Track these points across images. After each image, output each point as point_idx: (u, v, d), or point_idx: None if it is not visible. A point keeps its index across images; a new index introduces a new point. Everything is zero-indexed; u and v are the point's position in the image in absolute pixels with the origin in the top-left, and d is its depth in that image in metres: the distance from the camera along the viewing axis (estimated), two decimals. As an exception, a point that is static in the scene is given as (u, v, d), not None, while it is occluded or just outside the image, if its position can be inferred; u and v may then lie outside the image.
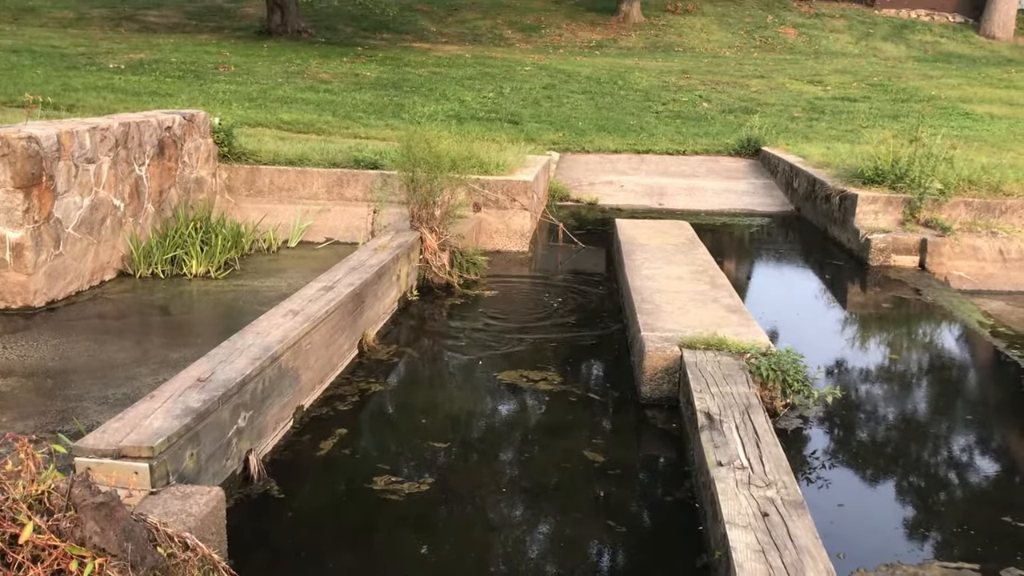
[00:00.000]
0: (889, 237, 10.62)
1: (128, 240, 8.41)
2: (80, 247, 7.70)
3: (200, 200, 9.92)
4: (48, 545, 3.10)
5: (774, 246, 12.46)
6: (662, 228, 10.80)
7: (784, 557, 3.63)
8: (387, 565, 4.28)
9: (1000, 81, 25.28)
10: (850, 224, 11.28)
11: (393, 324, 7.96)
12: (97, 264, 8.01)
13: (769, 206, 14.13)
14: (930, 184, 10.89)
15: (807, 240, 12.50)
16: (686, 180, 15.27)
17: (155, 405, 4.41)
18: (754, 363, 5.94)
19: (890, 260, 10.56)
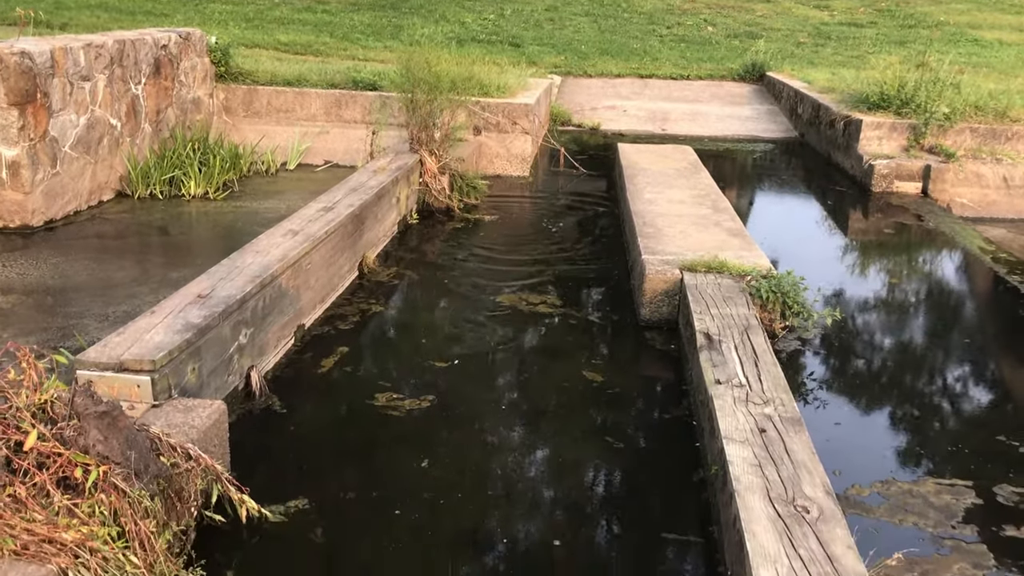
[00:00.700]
0: (893, 163, 10.53)
1: (126, 160, 8.33)
2: (77, 166, 7.63)
3: (197, 121, 9.80)
4: (53, 452, 3.13)
5: (777, 172, 12.37)
6: (665, 153, 10.70)
7: (781, 471, 3.67)
8: (388, 479, 4.33)
9: (1012, 6, 24.78)
10: (854, 150, 11.18)
11: (393, 247, 7.94)
12: (95, 184, 7.94)
13: (773, 132, 13.98)
14: (936, 109, 10.76)
15: (810, 166, 12.40)
16: (689, 105, 15.09)
17: (156, 320, 4.41)
18: (754, 285, 5.94)
19: (893, 186, 10.49)
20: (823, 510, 3.39)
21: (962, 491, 4.32)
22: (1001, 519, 4.10)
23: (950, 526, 4.02)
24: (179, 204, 8.21)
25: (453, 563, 3.73)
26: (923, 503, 4.20)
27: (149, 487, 3.23)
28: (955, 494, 4.29)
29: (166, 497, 3.37)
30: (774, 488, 3.55)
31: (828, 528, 3.29)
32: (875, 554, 3.39)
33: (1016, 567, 3.75)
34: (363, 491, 4.22)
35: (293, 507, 4.01)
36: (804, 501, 3.45)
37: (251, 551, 3.73)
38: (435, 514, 4.06)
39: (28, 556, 2.90)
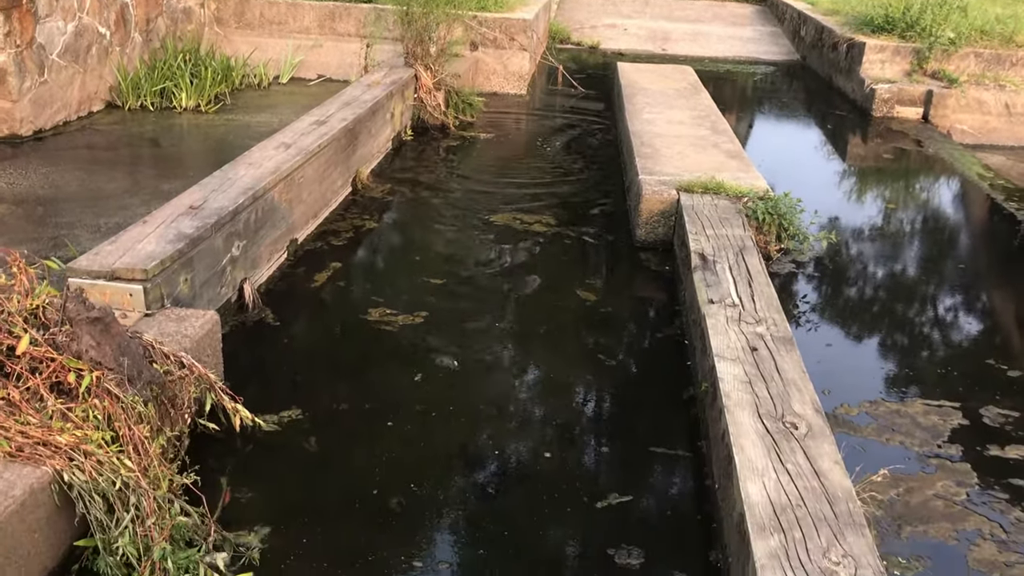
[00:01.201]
0: (894, 87, 10.40)
1: (116, 70, 8.17)
2: (66, 75, 7.48)
3: (188, 31, 9.59)
4: (45, 357, 3.13)
5: (777, 95, 12.22)
6: (664, 73, 10.54)
7: (771, 388, 3.70)
8: (380, 392, 4.36)
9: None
10: (856, 74, 11.02)
11: (387, 163, 7.86)
12: (84, 94, 7.81)
13: (774, 54, 13.77)
14: (941, 33, 10.58)
15: (811, 89, 12.24)
16: (691, 25, 14.81)
17: (148, 230, 4.37)
18: (751, 207, 5.90)
19: (894, 111, 10.38)
20: (811, 426, 3.43)
21: (949, 412, 4.37)
22: (986, 440, 4.15)
23: (936, 445, 4.08)
24: (170, 116, 8.09)
25: (444, 473, 3.78)
26: (910, 423, 4.25)
27: (142, 393, 3.24)
28: (942, 415, 4.34)
29: (160, 404, 3.38)
30: (763, 404, 3.57)
31: (816, 444, 3.32)
32: (861, 470, 3.44)
33: (999, 485, 3.82)
34: (356, 403, 4.25)
35: (286, 417, 4.03)
36: (793, 417, 3.48)
37: (244, 459, 3.77)
38: (427, 426, 4.10)
39: (23, 458, 2.92)
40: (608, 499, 3.64)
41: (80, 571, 3.00)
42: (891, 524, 3.53)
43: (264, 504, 3.50)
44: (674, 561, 3.30)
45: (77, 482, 2.91)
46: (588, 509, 3.58)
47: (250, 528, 3.32)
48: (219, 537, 3.17)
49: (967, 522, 3.59)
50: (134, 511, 2.93)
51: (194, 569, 2.96)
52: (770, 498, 3.01)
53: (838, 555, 2.77)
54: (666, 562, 3.29)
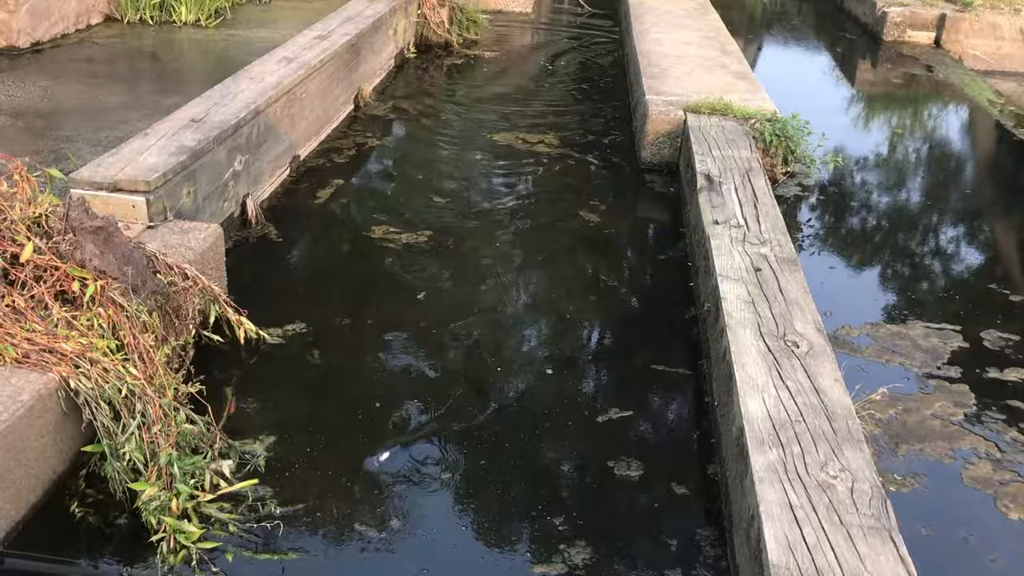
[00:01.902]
0: (906, 11, 10.19)
1: (113, -18, 7.99)
2: (62, -14, 7.32)
3: (187, -57, 9.34)
4: (49, 266, 3.13)
5: (787, 18, 11.98)
6: (672, -7, 10.31)
7: (773, 308, 3.71)
8: (383, 308, 4.37)
9: None
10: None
11: (390, 80, 7.75)
12: (82, 6, 7.65)
13: (785, -24, 13.45)
14: (957, -45, 10.32)
15: (822, 13, 12.00)
16: (700, -55, 14.44)
17: (150, 142, 4.33)
18: (758, 128, 5.84)
19: (905, 36, 10.19)
20: (812, 345, 3.44)
21: (950, 335, 4.39)
22: (985, 362, 4.18)
23: (935, 367, 4.10)
24: (170, 30, 7.93)
25: (446, 388, 3.81)
26: (911, 345, 4.27)
27: (147, 302, 3.25)
28: (943, 338, 4.36)
29: (164, 314, 3.39)
30: (765, 324, 3.58)
31: (816, 362, 3.34)
32: (860, 389, 3.47)
33: (996, 406, 3.85)
34: (359, 318, 4.26)
35: (290, 330, 4.05)
36: (794, 336, 3.49)
37: (249, 370, 3.79)
38: (429, 342, 4.12)
39: (30, 364, 2.94)
40: (609, 414, 3.68)
41: (88, 476, 3.05)
42: (888, 442, 3.58)
43: (269, 414, 3.54)
44: (673, 474, 3.35)
45: (83, 389, 2.94)
46: (589, 424, 3.62)
47: (255, 437, 3.36)
48: (225, 445, 3.22)
49: (963, 441, 3.63)
50: (140, 418, 2.96)
51: (200, 475, 3.01)
52: (770, 414, 3.03)
53: (836, 469, 2.80)
54: (665, 475, 3.34)
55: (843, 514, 2.60)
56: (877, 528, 2.56)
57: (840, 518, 2.59)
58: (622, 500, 3.23)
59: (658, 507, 3.21)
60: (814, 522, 2.57)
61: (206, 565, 2.78)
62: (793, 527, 2.55)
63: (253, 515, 3.00)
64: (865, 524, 2.57)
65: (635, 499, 3.24)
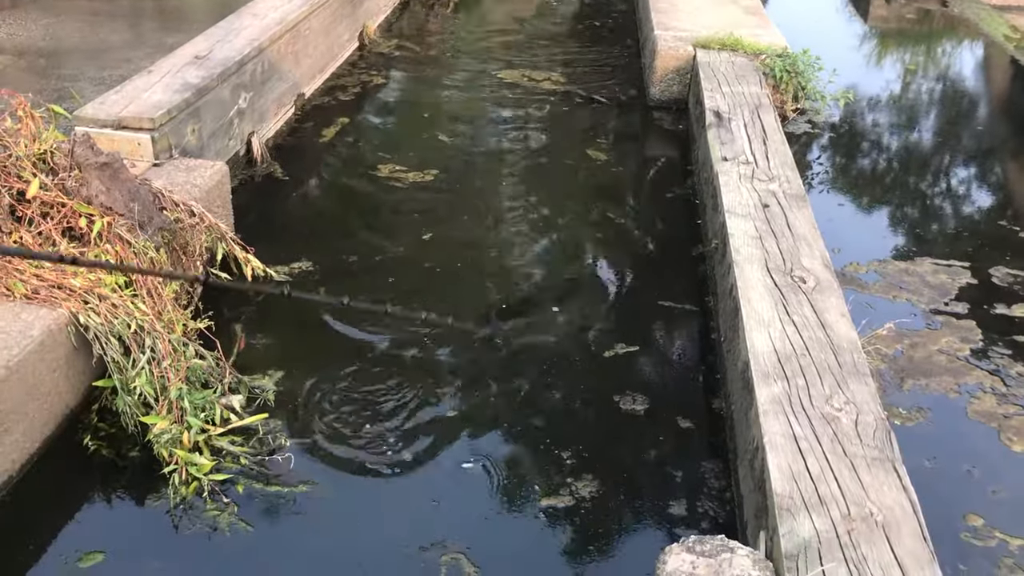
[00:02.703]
0: (923, -56, 9.95)
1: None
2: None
3: None
4: (56, 202, 3.13)
5: (799, -47, 11.73)
6: (682, -74, 10.09)
7: (781, 244, 3.69)
8: (390, 246, 4.36)
9: None
10: (883, -71, 10.54)
11: (395, 17, 7.65)
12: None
13: (798, -91, 13.15)
14: None
15: (835, -53, 11.74)
16: None
17: (153, 80, 4.30)
18: (768, 64, 5.76)
19: (921, -30, 9.97)
20: (819, 280, 3.44)
21: (958, 272, 4.37)
22: (993, 298, 4.17)
23: (943, 303, 4.10)
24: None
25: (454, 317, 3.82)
26: (919, 281, 4.26)
27: (154, 239, 3.25)
28: (951, 274, 4.35)
29: (171, 250, 3.40)
30: (773, 259, 3.57)
31: (823, 297, 3.34)
32: (867, 324, 3.47)
33: (1002, 342, 3.85)
34: (365, 256, 4.26)
35: (297, 268, 4.06)
36: (801, 272, 3.49)
37: (257, 307, 3.81)
38: (435, 281, 4.13)
39: (39, 300, 2.96)
40: (615, 350, 3.69)
41: (100, 410, 3.09)
42: (894, 377, 3.59)
43: (277, 350, 3.56)
44: (678, 408, 3.37)
45: (93, 324, 2.96)
46: (595, 359, 3.64)
47: (264, 372, 3.39)
48: (234, 380, 3.24)
49: (969, 376, 3.64)
50: (150, 352, 2.99)
51: (210, 409, 3.04)
52: (775, 347, 3.04)
53: (840, 402, 2.82)
54: (670, 409, 3.36)
55: (847, 445, 2.62)
56: (880, 459, 2.58)
57: (844, 449, 2.61)
58: (628, 434, 3.26)
59: (663, 440, 3.23)
60: (818, 453, 2.59)
61: (217, 496, 2.83)
62: (797, 458, 2.57)
63: (263, 448, 3.05)
64: (868, 455, 2.59)
65: (641, 433, 3.26)
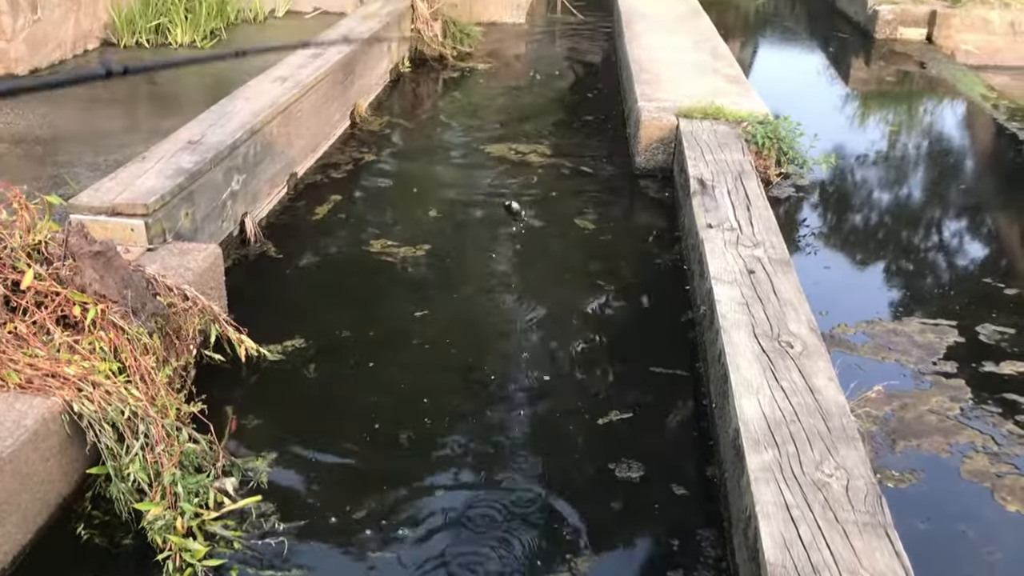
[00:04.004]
0: (897, 8, 10.23)
1: (110, 7, 8.07)
2: (60, 13, 7.40)
3: (180, -34, 9.43)
4: (50, 291, 3.18)
5: (779, 18, 12.04)
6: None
7: (767, 309, 3.74)
8: (383, 322, 4.41)
9: None
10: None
11: (385, 95, 7.81)
12: (79, 32, 7.73)
13: (777, -23, 13.52)
14: (946, -49, 10.37)
15: (813, 13, 12.05)
16: (691, -51, 14.52)
17: (147, 166, 4.39)
18: (750, 131, 5.88)
19: (897, 33, 10.23)
20: (807, 345, 3.47)
21: (946, 330, 4.41)
22: (982, 356, 4.20)
23: (931, 363, 4.13)
24: (166, 53, 8.01)
25: (447, 399, 3.85)
26: (907, 341, 4.30)
27: (147, 324, 3.29)
28: (939, 333, 4.39)
29: (165, 335, 3.44)
30: (760, 325, 3.62)
31: (811, 362, 3.37)
32: (856, 387, 3.50)
33: (993, 400, 3.87)
34: (359, 333, 4.30)
35: (291, 347, 4.10)
36: (788, 337, 3.53)
37: (250, 388, 3.84)
38: (429, 355, 4.16)
39: (33, 390, 2.99)
40: (609, 416, 3.71)
41: (94, 497, 3.09)
42: (885, 439, 3.60)
43: (270, 431, 3.57)
44: (673, 476, 3.38)
45: (87, 412, 2.98)
46: (590, 426, 3.66)
47: (257, 454, 3.40)
48: (227, 463, 3.26)
49: (960, 435, 3.65)
50: (143, 438, 3.01)
51: (204, 493, 3.05)
52: (765, 414, 3.07)
53: (831, 467, 2.83)
54: (665, 476, 3.37)
55: (838, 511, 2.63)
56: (872, 524, 2.59)
57: (835, 515, 2.62)
58: (624, 502, 3.27)
59: (659, 509, 3.24)
60: (809, 520, 2.60)
61: (212, 582, 2.82)
62: (789, 526, 2.58)
63: (257, 532, 3.04)
64: (860, 521, 2.60)
65: (637, 501, 3.27)
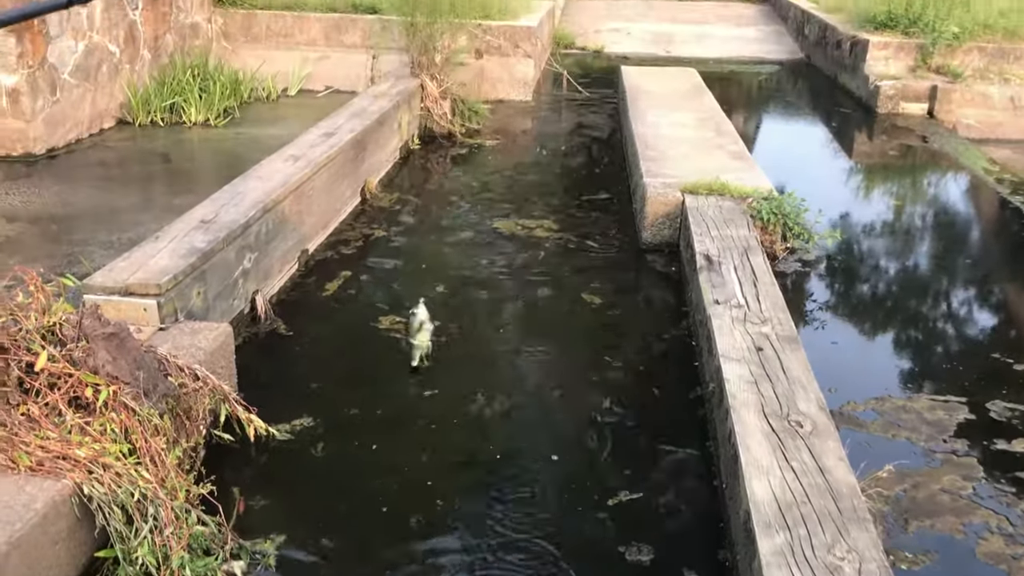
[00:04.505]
0: (899, 84, 10.41)
1: (126, 87, 8.28)
2: (77, 94, 7.60)
3: (196, 47, 9.70)
4: (63, 373, 3.20)
5: (782, 94, 12.25)
6: (668, 75, 10.59)
7: (776, 388, 3.75)
8: (391, 400, 4.42)
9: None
10: (860, 71, 11.04)
11: (395, 172, 7.94)
12: (95, 111, 7.92)
13: (779, 53, 13.80)
14: (945, 28, 10.59)
15: (816, 88, 12.27)
16: (694, 27, 14.86)
17: (160, 245, 4.46)
18: (755, 207, 5.95)
19: (899, 107, 10.39)
20: (816, 424, 3.47)
21: (955, 407, 4.40)
22: (993, 433, 4.18)
23: (942, 440, 4.11)
24: (180, 131, 8.19)
25: (456, 478, 3.84)
26: (916, 419, 4.29)
27: (158, 406, 3.31)
28: (949, 410, 4.37)
29: (175, 416, 3.46)
30: (769, 404, 3.62)
31: (820, 441, 3.37)
32: (866, 466, 3.48)
33: (1005, 479, 3.85)
34: (367, 411, 4.31)
35: (299, 426, 4.11)
36: (798, 416, 3.53)
37: (259, 468, 3.84)
38: (437, 432, 4.16)
39: (44, 472, 3.00)
40: (619, 496, 3.69)
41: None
42: (897, 519, 3.57)
43: (279, 512, 3.56)
44: (683, 559, 3.35)
45: (96, 494, 2.98)
46: (599, 506, 3.64)
47: (266, 536, 3.39)
48: (236, 545, 3.24)
49: (974, 516, 3.62)
50: (152, 521, 3.00)
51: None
52: (775, 496, 3.05)
53: (843, 551, 2.81)
54: (676, 560, 3.34)
55: (851, 597, 2.61)
56: (886, 610, 2.56)
57: (849, 601, 2.59)
58: (633, 587, 3.23)
59: (669, 594, 3.20)
60: (823, 606, 2.57)
61: (218, 669, 2.79)
62: (802, 612, 2.55)
63: (265, 616, 3.02)
64: (874, 607, 2.57)
65: (646, 586, 3.23)
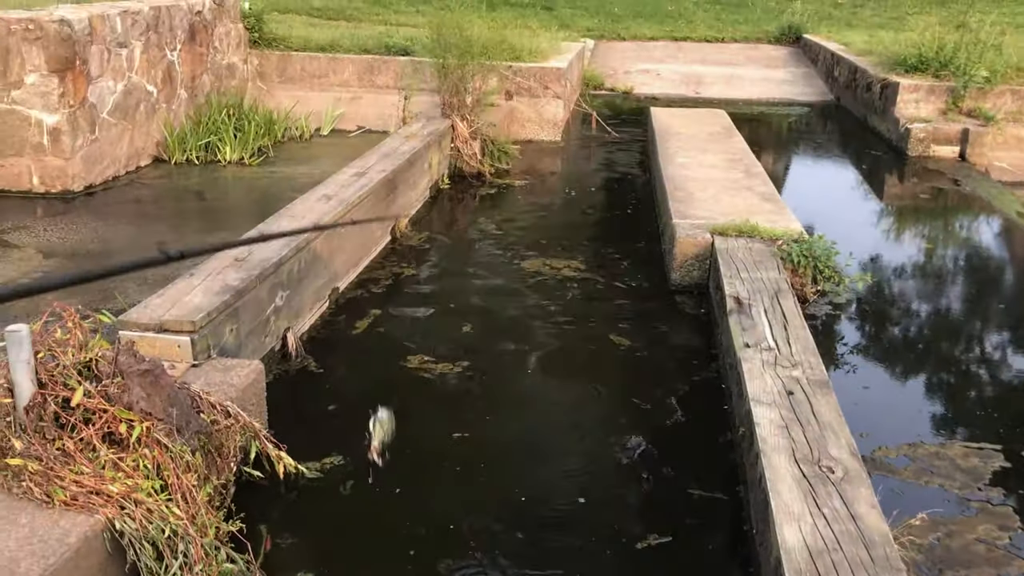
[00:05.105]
0: (930, 127, 10.38)
1: (162, 126, 8.45)
2: (115, 132, 7.76)
3: (232, 87, 9.90)
4: (98, 409, 3.25)
5: (812, 136, 12.25)
6: (698, 117, 10.64)
7: (807, 432, 3.71)
8: (420, 439, 4.42)
9: (1057, -35, 24.06)
10: (890, 114, 11.03)
11: (425, 211, 8.01)
12: (133, 150, 8.08)
13: (808, 95, 13.82)
14: (976, 72, 10.58)
15: (846, 130, 12.26)
16: (724, 68, 14.94)
17: (195, 282, 4.52)
18: (785, 249, 5.93)
19: (930, 150, 10.35)
20: (848, 470, 3.43)
21: (990, 454, 4.34)
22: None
23: (976, 488, 4.05)
24: (215, 169, 8.33)
25: (486, 520, 3.83)
26: (950, 465, 4.23)
27: (190, 443, 3.35)
28: (983, 457, 4.31)
29: (206, 452, 3.48)
30: (800, 449, 3.59)
31: (852, 488, 3.33)
32: (899, 514, 3.43)
33: (1042, 529, 3.78)
34: (395, 452, 4.30)
35: (328, 464, 4.12)
36: (829, 461, 3.49)
37: (288, 505, 3.85)
38: (467, 473, 4.16)
39: (77, 507, 3.03)
40: (648, 540, 3.66)
41: (131, 617, 3.08)
42: (931, 569, 3.51)
43: (306, 552, 3.57)
44: (712, 606, 3.31)
45: (128, 530, 3.01)
46: (628, 550, 3.61)
47: (293, 574, 3.39)
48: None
49: (1011, 567, 3.55)
50: (182, 558, 3.02)
51: (240, 615, 3.03)
52: (807, 543, 3.02)
53: (876, 600, 2.77)
54: (704, 607, 3.30)
55: (885, 649, 2.56)
56: (921, 663, 2.51)
57: (882, 653, 2.55)
58: (662, 634, 3.19)
59: (699, 641, 3.16)
60: (856, 658, 2.53)
61: None
62: (834, 663, 2.51)
63: (291, 656, 3.01)
64: (909, 659, 2.53)
65: (675, 633, 3.20)
